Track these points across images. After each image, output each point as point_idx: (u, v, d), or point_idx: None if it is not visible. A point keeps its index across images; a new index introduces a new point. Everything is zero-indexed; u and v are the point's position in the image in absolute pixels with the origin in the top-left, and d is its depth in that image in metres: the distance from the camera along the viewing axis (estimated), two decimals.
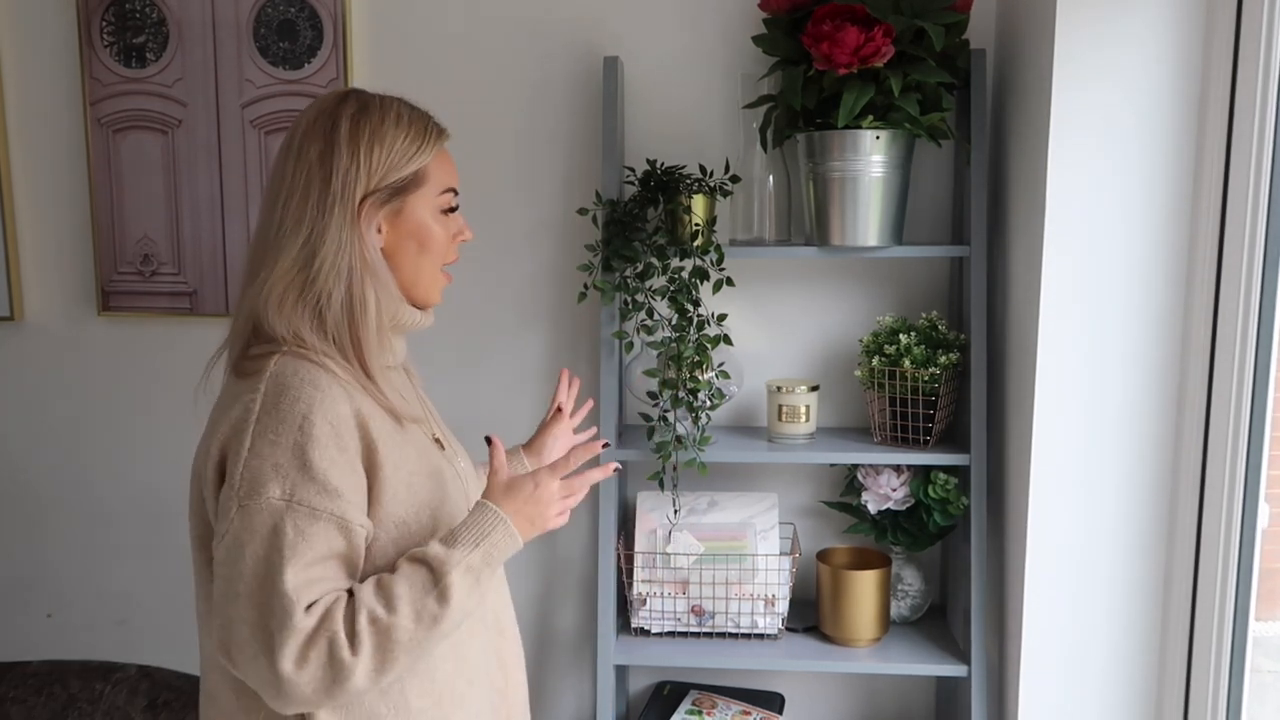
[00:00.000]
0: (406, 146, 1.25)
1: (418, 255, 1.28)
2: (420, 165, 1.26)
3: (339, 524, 1.15)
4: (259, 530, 1.12)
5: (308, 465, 1.14)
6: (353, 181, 1.22)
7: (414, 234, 1.27)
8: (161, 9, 2.17)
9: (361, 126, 1.24)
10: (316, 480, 1.14)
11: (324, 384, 1.18)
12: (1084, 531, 1.78)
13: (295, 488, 1.13)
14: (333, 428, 1.16)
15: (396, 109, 1.28)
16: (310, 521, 1.13)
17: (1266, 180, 1.56)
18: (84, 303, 2.30)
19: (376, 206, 1.24)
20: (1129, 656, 1.80)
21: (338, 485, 1.15)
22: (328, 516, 1.14)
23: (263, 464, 1.14)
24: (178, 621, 2.36)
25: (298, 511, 1.13)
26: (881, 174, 1.86)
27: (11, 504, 2.39)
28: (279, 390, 1.17)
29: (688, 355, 1.91)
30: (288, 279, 1.21)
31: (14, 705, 1.88)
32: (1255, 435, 1.61)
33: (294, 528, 1.12)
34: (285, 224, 1.22)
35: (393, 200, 1.25)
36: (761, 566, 2.02)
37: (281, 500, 1.13)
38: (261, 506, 1.13)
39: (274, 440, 1.14)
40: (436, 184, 1.28)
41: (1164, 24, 1.65)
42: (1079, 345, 1.74)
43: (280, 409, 1.15)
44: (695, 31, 2.09)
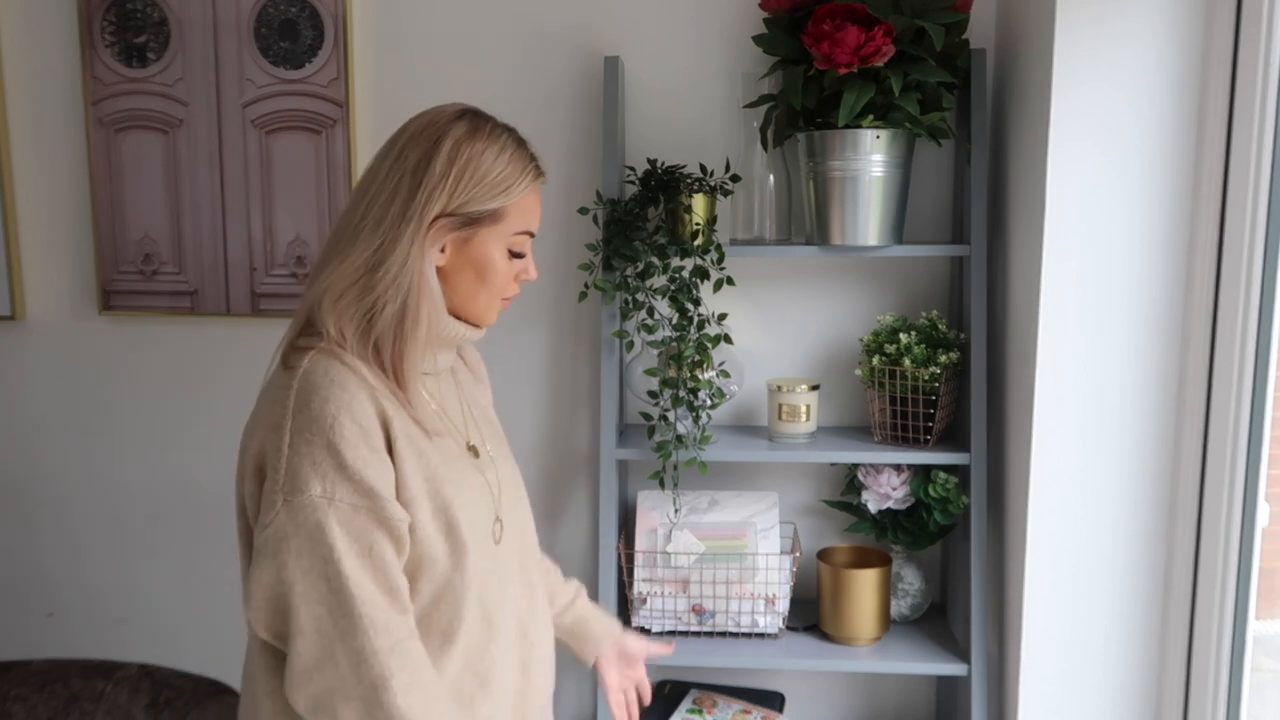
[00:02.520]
0: (496, 181, 1.26)
1: (474, 284, 1.30)
2: (503, 204, 1.27)
3: (378, 519, 1.20)
4: (303, 525, 1.18)
5: (343, 465, 1.19)
6: (435, 200, 1.24)
7: (475, 264, 1.29)
8: (162, 9, 2.17)
9: (462, 149, 1.25)
10: (352, 480, 1.19)
11: (350, 386, 1.22)
12: (1084, 530, 1.78)
13: (334, 486, 1.18)
14: (360, 427, 1.20)
15: (503, 141, 1.28)
16: (351, 516, 1.19)
17: (1266, 179, 1.56)
18: (85, 302, 2.30)
19: (446, 230, 1.26)
20: (1129, 655, 1.80)
21: (372, 484, 1.20)
22: (366, 512, 1.19)
23: (302, 461, 1.19)
24: (179, 620, 2.37)
25: (340, 509, 1.18)
26: (882, 173, 1.87)
27: (13, 503, 2.39)
28: (309, 389, 1.21)
29: (688, 354, 1.91)
30: (352, 278, 1.25)
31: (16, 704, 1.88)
32: (1255, 434, 1.61)
33: (338, 523, 1.18)
34: (366, 222, 1.25)
35: (465, 229, 1.27)
36: (762, 565, 2.02)
37: (323, 498, 1.18)
38: (304, 503, 1.18)
39: (310, 439, 1.19)
40: (514, 224, 1.29)
41: (1164, 23, 1.65)
42: (1079, 344, 1.74)
43: (311, 408, 1.20)
44: (696, 31, 2.09)
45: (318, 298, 1.26)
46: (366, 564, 1.19)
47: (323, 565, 1.18)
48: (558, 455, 2.22)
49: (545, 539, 2.25)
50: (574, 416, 2.22)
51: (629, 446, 2.01)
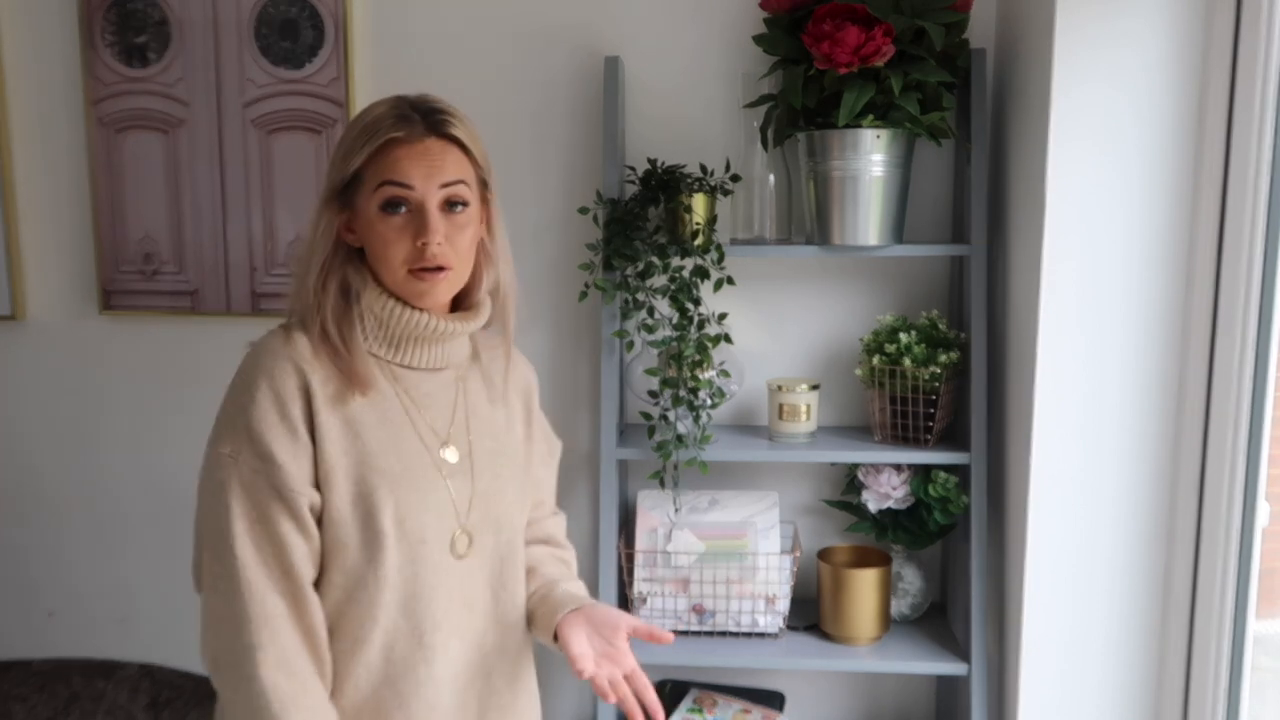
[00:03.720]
0: (350, 146, 1.29)
1: (372, 254, 1.31)
2: (355, 165, 1.28)
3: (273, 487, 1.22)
4: (210, 480, 1.25)
5: (249, 427, 1.24)
6: (326, 180, 1.31)
7: (365, 231, 1.30)
8: (163, 8, 2.17)
9: (342, 135, 1.32)
10: (254, 443, 1.23)
11: (279, 354, 1.27)
12: (1084, 530, 1.78)
13: (241, 447, 1.23)
14: (275, 394, 1.24)
15: (367, 112, 1.30)
16: (251, 480, 1.22)
17: (1266, 178, 1.56)
18: (85, 302, 2.30)
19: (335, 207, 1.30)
20: (1129, 654, 1.80)
21: (272, 450, 1.23)
22: (264, 478, 1.22)
23: (221, 419, 1.27)
24: (179, 620, 2.36)
25: (241, 470, 1.22)
26: (882, 173, 1.87)
27: (13, 502, 2.39)
28: (248, 357, 1.29)
29: (688, 354, 1.92)
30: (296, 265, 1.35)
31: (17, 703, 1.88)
32: (1255, 433, 1.61)
33: (239, 483, 1.22)
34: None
35: (341, 198, 1.30)
36: (762, 565, 2.02)
37: (230, 456, 1.23)
38: (214, 458, 1.25)
39: (232, 400, 1.27)
40: (373, 180, 1.27)
41: (1164, 23, 1.65)
42: (1079, 344, 1.74)
43: (242, 373, 1.28)
44: (696, 31, 2.09)
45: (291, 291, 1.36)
46: (257, 530, 1.22)
47: (217, 521, 1.22)
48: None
49: None
50: (574, 416, 2.22)
51: (629, 446, 2.01)
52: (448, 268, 1.29)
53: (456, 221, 1.29)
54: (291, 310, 1.33)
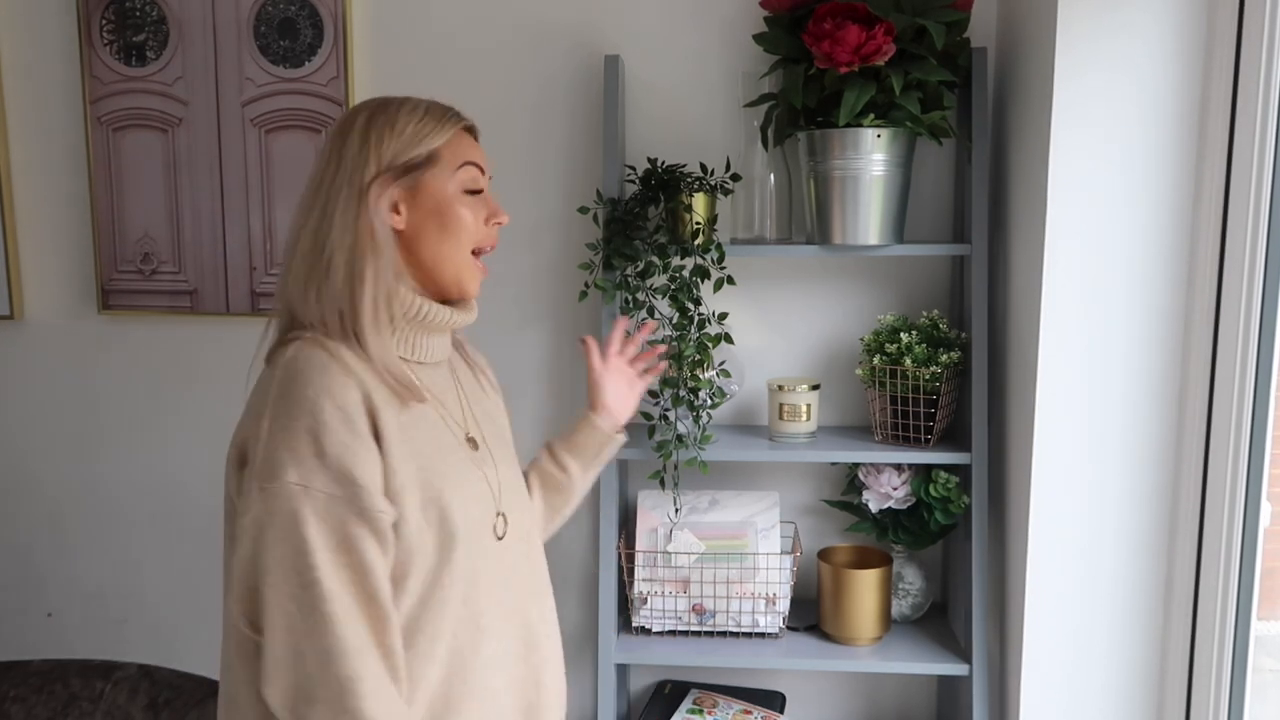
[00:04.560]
0: (418, 129, 1.27)
1: (439, 236, 1.28)
2: (433, 146, 1.27)
3: (357, 510, 1.16)
4: (277, 514, 1.14)
5: (322, 452, 1.16)
6: (361, 165, 1.25)
7: (435, 212, 1.27)
8: (161, 7, 2.17)
9: (376, 118, 1.27)
10: (330, 468, 1.16)
11: (333, 370, 1.20)
12: (1085, 530, 1.78)
13: (311, 474, 1.15)
14: (342, 411, 1.18)
15: (414, 102, 1.30)
16: (328, 507, 1.15)
17: (1269, 178, 1.56)
18: (84, 301, 2.30)
19: (386, 184, 1.25)
20: (1131, 655, 1.80)
21: (352, 472, 1.16)
22: (344, 503, 1.16)
23: (279, 447, 1.16)
24: (178, 621, 2.37)
25: (315, 498, 1.15)
26: (882, 172, 1.86)
27: (12, 503, 2.39)
28: (291, 376, 1.19)
29: (689, 354, 1.91)
30: (305, 262, 1.25)
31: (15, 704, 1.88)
32: (1257, 433, 1.60)
33: (313, 513, 1.14)
34: (302, 211, 1.27)
35: (405, 178, 1.26)
36: (762, 565, 2.02)
37: (299, 485, 1.14)
38: (278, 490, 1.14)
39: (288, 425, 1.16)
40: (455, 158, 1.29)
41: (1165, 23, 1.65)
42: (1080, 343, 1.74)
43: (292, 394, 1.18)
44: (696, 30, 2.09)
45: (286, 294, 1.27)
46: (340, 558, 1.15)
47: (294, 557, 1.13)
48: None
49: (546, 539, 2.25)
50: (574, 416, 2.21)
51: (629, 446, 2.00)
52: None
53: None
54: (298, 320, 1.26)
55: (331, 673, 1.13)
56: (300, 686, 1.14)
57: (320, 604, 1.13)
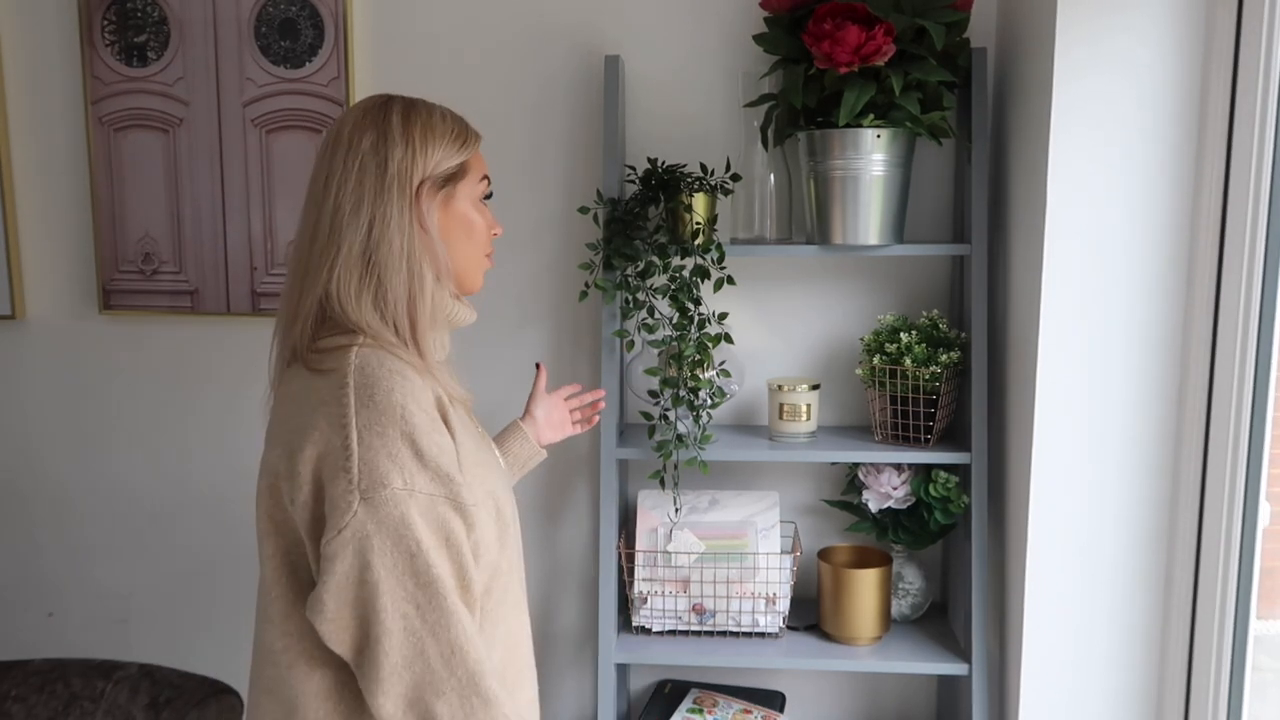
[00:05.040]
0: (454, 139, 1.30)
1: (465, 242, 1.32)
2: (465, 158, 1.31)
3: (455, 505, 1.19)
4: (386, 521, 1.15)
5: (420, 454, 1.17)
6: (409, 168, 1.25)
7: (461, 221, 1.32)
8: (163, 8, 2.17)
9: (413, 120, 1.28)
10: (429, 468, 1.17)
11: (409, 374, 1.22)
12: (1085, 530, 1.78)
13: (414, 477, 1.16)
14: (427, 415, 1.20)
15: (440, 109, 1.33)
16: (430, 506, 1.17)
17: (1268, 178, 1.56)
18: (85, 301, 2.30)
19: (431, 193, 1.28)
20: (1130, 655, 1.80)
21: (448, 470, 1.19)
22: (444, 500, 1.18)
23: (377, 456, 1.16)
24: (178, 621, 2.37)
25: (420, 500, 1.16)
26: (882, 172, 1.86)
27: (13, 502, 2.39)
28: (368, 384, 1.19)
29: (689, 354, 1.91)
30: (357, 265, 1.23)
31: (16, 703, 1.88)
32: (1256, 433, 1.61)
33: (420, 515, 1.16)
34: (343, 211, 1.23)
35: (444, 188, 1.29)
36: (762, 565, 2.02)
37: (405, 490, 1.16)
38: (387, 498, 1.15)
39: (380, 433, 1.16)
40: (478, 172, 1.34)
41: (1165, 23, 1.65)
42: (1080, 343, 1.74)
43: (377, 401, 1.18)
44: (696, 30, 2.09)
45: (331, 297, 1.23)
46: (447, 553, 1.17)
47: (409, 560, 1.15)
48: (558, 455, 2.22)
49: (546, 539, 2.25)
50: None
51: (629, 446, 2.01)
52: None
53: None
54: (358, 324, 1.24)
55: (458, 662, 1.16)
56: (424, 684, 1.15)
57: (440, 601, 1.15)
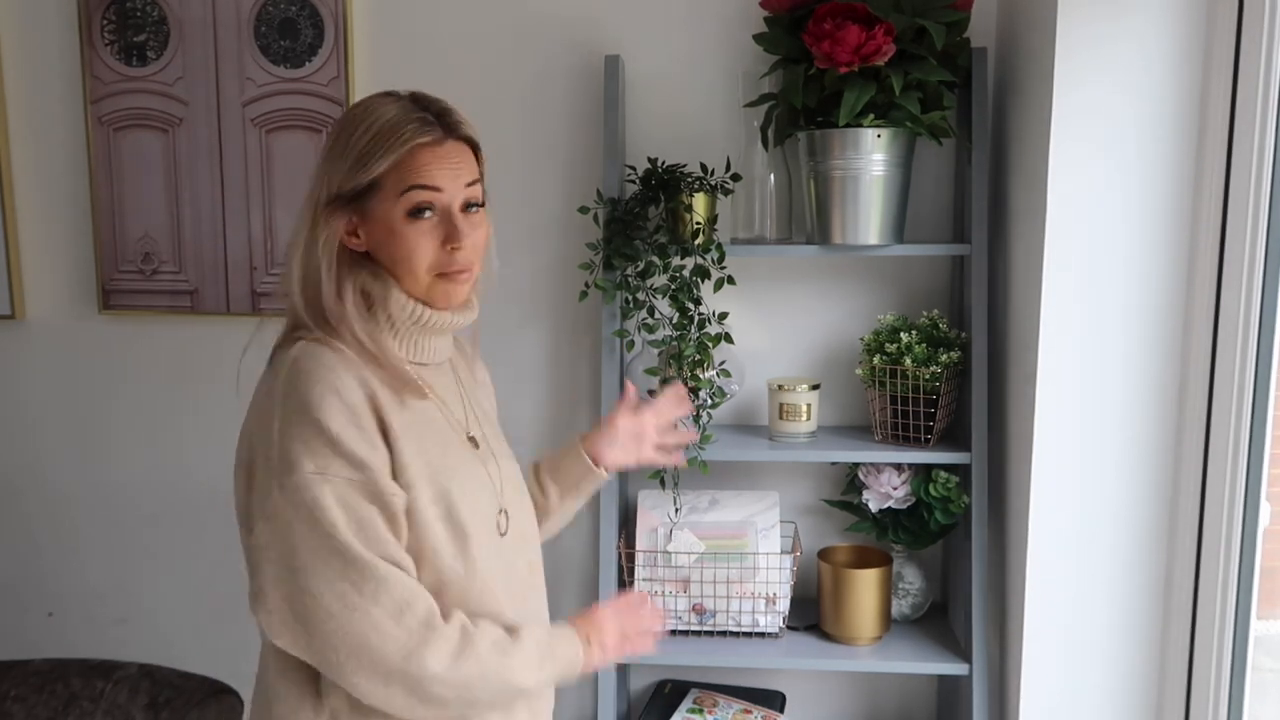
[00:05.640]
0: (364, 152, 1.24)
1: (392, 259, 1.27)
2: (375, 173, 1.24)
3: (370, 493, 1.19)
4: (301, 505, 1.17)
5: (333, 440, 1.18)
6: (321, 186, 1.26)
7: (384, 237, 1.26)
8: (162, 7, 2.17)
9: (339, 134, 1.26)
10: (343, 454, 1.18)
11: (338, 368, 1.22)
12: (1085, 530, 1.78)
13: (327, 461, 1.18)
14: (349, 406, 1.20)
15: (374, 115, 1.25)
16: (346, 490, 1.18)
17: (1268, 176, 1.56)
18: (85, 301, 2.30)
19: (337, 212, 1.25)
20: (1130, 655, 1.80)
21: (364, 458, 1.19)
22: (359, 486, 1.19)
23: (292, 443, 1.18)
24: (179, 620, 2.37)
25: (334, 483, 1.17)
26: (882, 172, 1.86)
27: (12, 502, 2.39)
28: (295, 375, 1.21)
29: (689, 354, 1.91)
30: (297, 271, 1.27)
31: (15, 703, 1.88)
32: (1256, 433, 1.61)
33: (334, 497, 1.17)
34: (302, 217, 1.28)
35: (351, 205, 1.25)
36: (762, 565, 2.02)
37: (316, 474, 1.17)
38: (298, 483, 1.17)
39: (298, 421, 1.18)
40: (397, 186, 1.24)
41: (1165, 22, 1.65)
42: (1080, 343, 1.74)
43: (298, 392, 1.20)
44: (696, 30, 2.09)
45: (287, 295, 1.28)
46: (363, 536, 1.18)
47: (328, 540, 1.16)
48: None
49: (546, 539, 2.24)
50: (574, 416, 2.21)
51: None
52: (472, 268, 1.30)
53: (473, 220, 1.29)
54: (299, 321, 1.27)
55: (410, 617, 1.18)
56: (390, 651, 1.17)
57: (371, 570, 1.17)
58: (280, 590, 1.18)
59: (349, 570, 1.16)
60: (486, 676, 1.23)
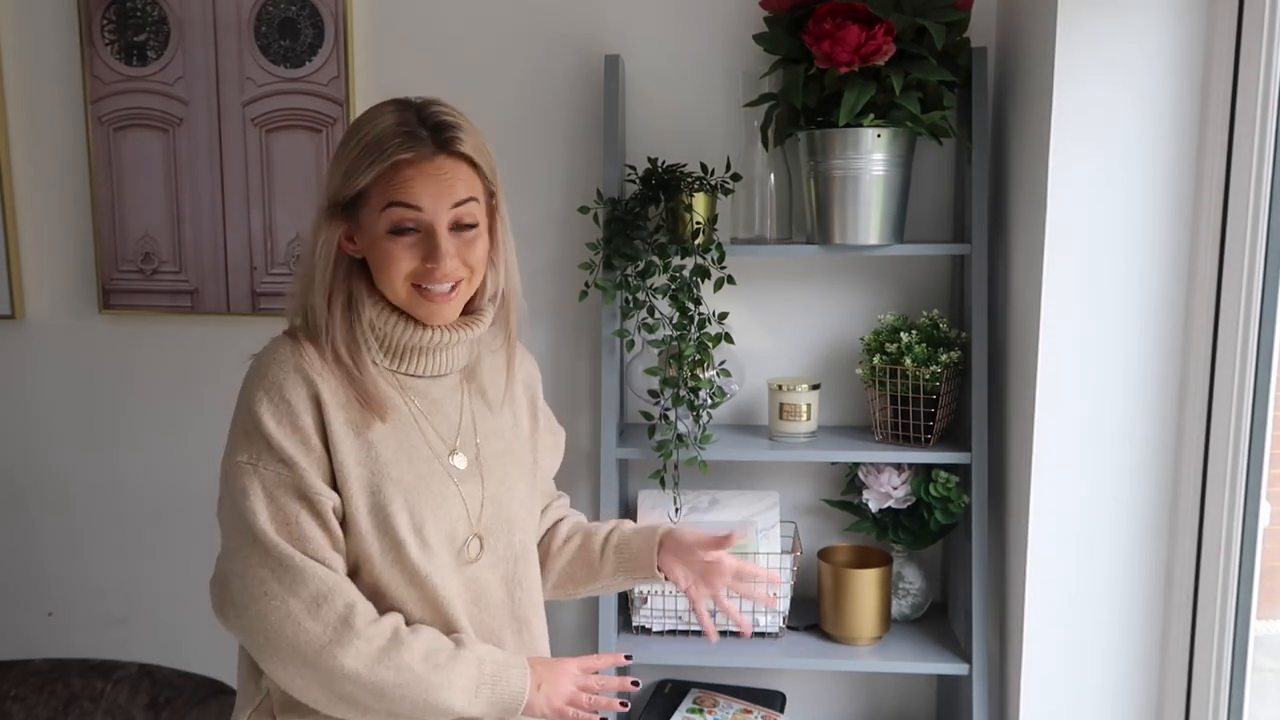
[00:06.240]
0: (353, 165, 1.24)
1: (377, 270, 1.28)
2: (359, 186, 1.24)
3: (298, 491, 1.23)
4: (233, 491, 1.24)
5: (267, 434, 1.23)
6: (323, 192, 1.30)
7: (369, 247, 1.28)
8: (162, 7, 2.17)
9: (342, 141, 1.29)
10: (273, 449, 1.23)
11: (287, 364, 1.27)
12: (1085, 530, 1.78)
13: (260, 454, 1.23)
14: (287, 403, 1.24)
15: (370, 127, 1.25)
16: (275, 484, 1.23)
17: (1268, 176, 1.56)
18: (85, 301, 2.30)
19: (333, 216, 1.28)
20: (1130, 655, 1.80)
21: (291, 455, 1.23)
22: (285, 481, 1.23)
23: (236, 430, 1.27)
24: (179, 620, 2.36)
25: (264, 475, 1.23)
26: (882, 172, 1.86)
27: (12, 502, 2.39)
28: (254, 366, 1.29)
29: (689, 353, 1.91)
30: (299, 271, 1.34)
31: (15, 703, 1.88)
32: (1257, 433, 1.61)
33: (261, 487, 1.23)
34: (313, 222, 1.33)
35: (345, 213, 1.27)
36: (763, 565, 2.02)
37: (249, 464, 1.23)
38: (233, 469, 1.24)
39: (245, 409, 1.26)
40: (380, 201, 1.24)
41: (1165, 21, 1.65)
42: (1080, 343, 1.74)
43: (249, 383, 1.27)
44: (696, 30, 2.09)
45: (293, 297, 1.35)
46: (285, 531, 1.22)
47: (250, 529, 1.22)
48: None
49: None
50: (574, 416, 2.21)
51: (629, 446, 2.01)
52: (459, 282, 1.29)
53: (465, 238, 1.28)
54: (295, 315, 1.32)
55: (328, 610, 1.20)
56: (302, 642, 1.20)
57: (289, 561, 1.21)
58: (218, 567, 1.27)
59: (267, 558, 1.21)
60: (406, 686, 1.21)
